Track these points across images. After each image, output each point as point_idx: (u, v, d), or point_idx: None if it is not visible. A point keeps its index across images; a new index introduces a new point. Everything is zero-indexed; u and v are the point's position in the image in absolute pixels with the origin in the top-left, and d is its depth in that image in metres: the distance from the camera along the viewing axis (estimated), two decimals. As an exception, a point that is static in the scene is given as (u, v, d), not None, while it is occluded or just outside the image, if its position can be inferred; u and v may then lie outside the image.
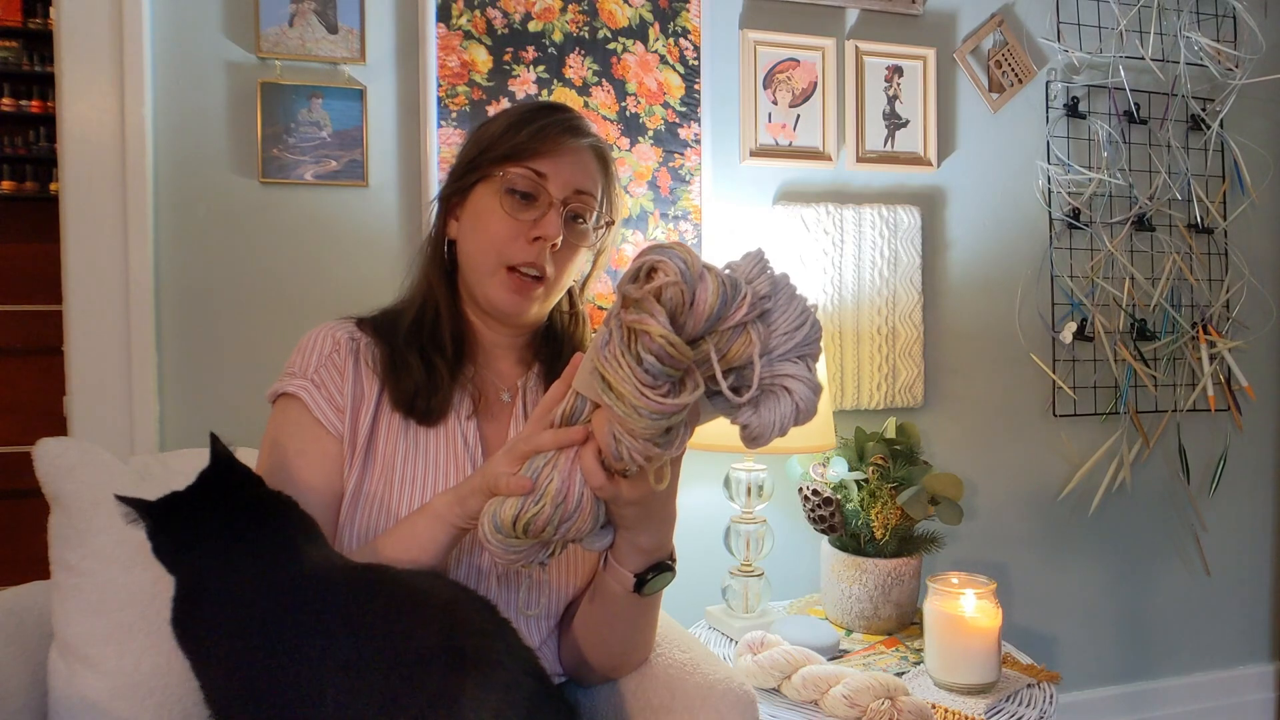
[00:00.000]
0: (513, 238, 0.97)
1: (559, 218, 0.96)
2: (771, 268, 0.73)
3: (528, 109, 1.01)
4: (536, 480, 0.74)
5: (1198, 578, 2.16)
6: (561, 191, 0.98)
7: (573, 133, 0.99)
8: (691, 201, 1.71)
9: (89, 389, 1.43)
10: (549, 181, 0.97)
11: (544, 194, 0.97)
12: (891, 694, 1.23)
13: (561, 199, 0.97)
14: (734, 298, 0.68)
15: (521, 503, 0.74)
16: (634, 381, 0.66)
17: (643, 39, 1.68)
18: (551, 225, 0.96)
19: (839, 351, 1.81)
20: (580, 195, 0.99)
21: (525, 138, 0.97)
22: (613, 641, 0.97)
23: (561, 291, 1.04)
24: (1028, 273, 1.98)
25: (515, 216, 0.97)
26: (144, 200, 1.43)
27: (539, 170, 0.97)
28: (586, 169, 1.00)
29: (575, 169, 0.98)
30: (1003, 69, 1.93)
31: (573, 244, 1.00)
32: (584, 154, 1.00)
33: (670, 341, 0.64)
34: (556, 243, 0.96)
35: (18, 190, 3.73)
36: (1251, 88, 2.11)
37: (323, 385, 0.96)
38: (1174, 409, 2.09)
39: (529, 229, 0.96)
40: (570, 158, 0.98)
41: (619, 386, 0.66)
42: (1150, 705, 2.12)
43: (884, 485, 1.55)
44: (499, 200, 0.97)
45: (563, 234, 0.97)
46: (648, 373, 0.66)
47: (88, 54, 1.42)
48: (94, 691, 0.96)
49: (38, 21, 3.73)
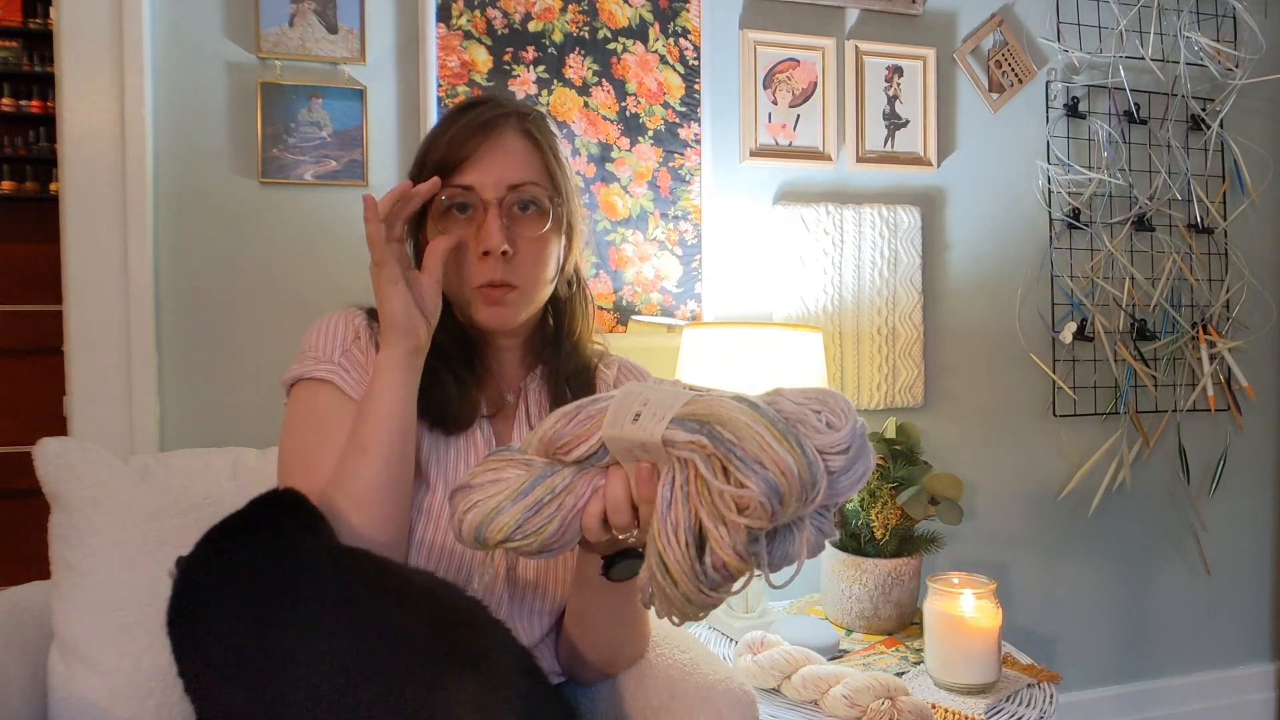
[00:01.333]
0: (469, 260, 0.95)
1: (498, 221, 0.93)
2: (864, 446, 0.65)
3: (443, 120, 0.98)
4: (538, 513, 0.72)
5: (1198, 577, 2.16)
6: (494, 192, 0.94)
7: (486, 129, 0.95)
8: (691, 201, 1.71)
9: (89, 389, 1.43)
10: (478, 189, 0.94)
11: (478, 201, 0.94)
12: (891, 694, 1.23)
13: (496, 200, 0.94)
14: (811, 494, 0.62)
15: (514, 529, 0.72)
16: (692, 578, 0.63)
17: (643, 39, 1.68)
18: (491, 235, 0.92)
19: (839, 351, 1.81)
20: (517, 189, 0.95)
21: (442, 153, 0.95)
22: (598, 632, 0.96)
23: (544, 285, 1.00)
24: (1028, 273, 1.98)
25: (460, 234, 0.94)
26: (144, 200, 1.43)
27: (463, 184, 0.94)
28: (513, 158, 0.95)
29: (499, 165, 0.94)
30: (1003, 69, 1.93)
31: (530, 240, 0.96)
32: (506, 143, 0.96)
33: (740, 563, 0.61)
34: (506, 250, 0.93)
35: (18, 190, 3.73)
36: (1251, 88, 2.11)
37: (351, 369, 0.95)
38: (1174, 409, 2.09)
39: (475, 242, 0.94)
40: (492, 155, 0.94)
41: (674, 571, 0.63)
42: (1150, 705, 2.12)
43: (884, 485, 1.55)
44: (443, 227, 0.95)
45: (515, 232, 0.95)
46: (706, 576, 0.63)
47: (88, 54, 1.42)
48: (94, 692, 0.96)
49: (38, 21, 3.73)
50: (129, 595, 1.00)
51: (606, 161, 1.66)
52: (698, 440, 0.63)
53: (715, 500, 0.61)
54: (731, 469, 0.61)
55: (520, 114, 0.98)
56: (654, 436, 0.65)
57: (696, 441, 0.63)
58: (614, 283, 1.68)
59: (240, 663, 0.68)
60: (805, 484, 0.61)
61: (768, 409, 0.64)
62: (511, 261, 0.95)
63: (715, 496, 0.61)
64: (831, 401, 0.67)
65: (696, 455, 0.63)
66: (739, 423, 0.62)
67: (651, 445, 0.66)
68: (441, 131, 0.97)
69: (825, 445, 0.64)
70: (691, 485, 0.63)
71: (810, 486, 0.61)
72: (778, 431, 0.62)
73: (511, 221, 0.95)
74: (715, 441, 0.62)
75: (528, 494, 0.73)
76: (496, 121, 0.95)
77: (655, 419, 0.66)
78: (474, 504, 0.74)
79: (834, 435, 0.64)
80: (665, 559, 0.64)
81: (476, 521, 0.74)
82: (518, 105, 1.00)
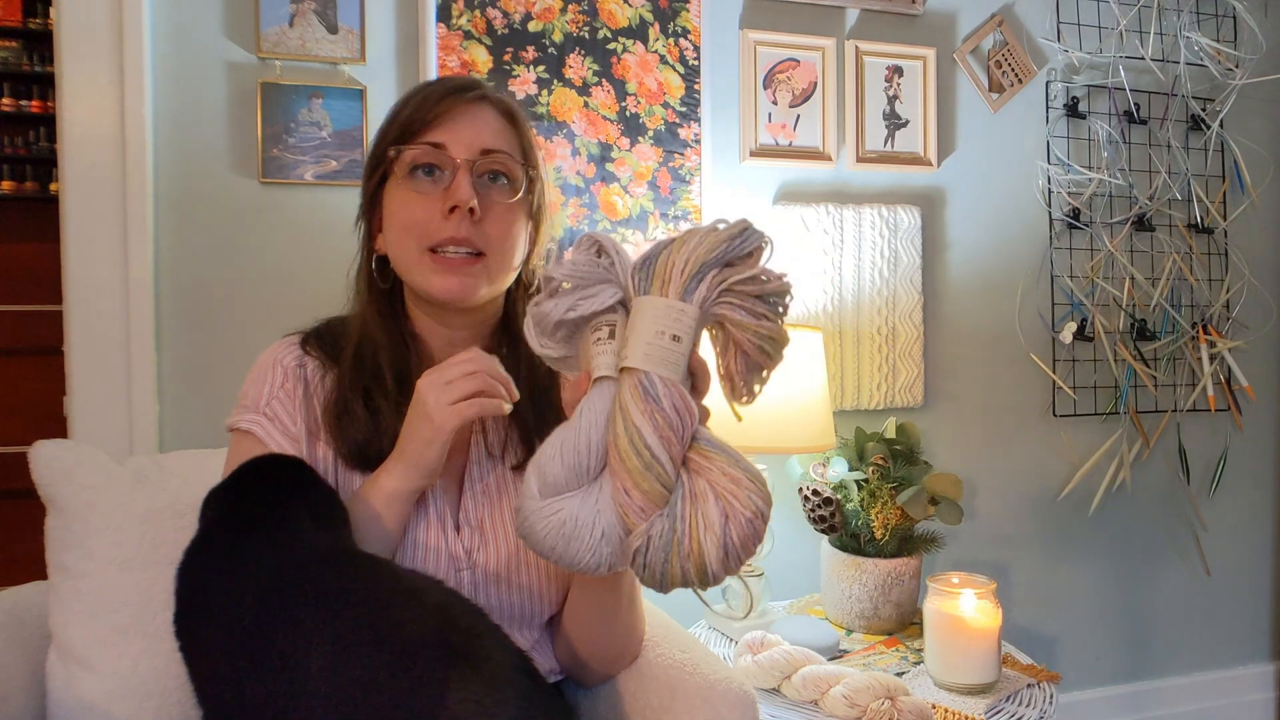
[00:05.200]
0: (428, 218, 0.89)
1: (468, 180, 0.88)
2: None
3: (412, 90, 0.94)
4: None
5: (1198, 577, 2.16)
6: (466, 153, 0.89)
7: (461, 91, 0.91)
8: (691, 201, 1.71)
9: (89, 389, 1.43)
10: (449, 148, 0.89)
11: (448, 161, 0.89)
12: (891, 694, 1.23)
13: (468, 160, 0.89)
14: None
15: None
16: (779, 321, 0.76)
17: (643, 39, 1.68)
18: (462, 189, 0.87)
19: (839, 351, 1.81)
20: (490, 154, 0.90)
21: (411, 112, 0.90)
22: (591, 628, 0.96)
23: (510, 265, 0.94)
24: (1028, 273, 1.98)
25: (425, 194, 0.89)
26: (144, 200, 1.43)
27: (434, 141, 0.89)
28: (488, 125, 0.91)
29: (475, 127, 0.90)
30: (1003, 69, 1.93)
31: (501, 205, 0.91)
32: (482, 111, 0.92)
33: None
34: (474, 207, 0.88)
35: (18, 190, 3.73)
36: (1251, 88, 2.11)
37: (275, 418, 0.92)
38: (1174, 409, 2.09)
39: (441, 203, 0.88)
40: (467, 118, 0.90)
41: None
42: (1150, 705, 2.12)
43: (884, 485, 1.55)
44: (405, 187, 0.90)
45: (485, 198, 0.90)
46: (784, 309, 0.77)
47: (88, 54, 1.42)
48: (92, 693, 0.96)
49: (38, 21, 3.73)
50: (125, 597, 0.99)
51: (606, 161, 1.66)
52: (709, 287, 0.75)
53: (753, 280, 0.74)
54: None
55: (494, 93, 0.96)
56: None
57: (709, 286, 0.75)
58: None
59: (252, 662, 0.69)
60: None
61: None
62: (479, 225, 0.89)
63: (750, 280, 0.74)
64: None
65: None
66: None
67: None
68: (414, 93, 0.92)
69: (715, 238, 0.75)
70: (737, 296, 0.75)
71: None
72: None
73: (482, 185, 0.91)
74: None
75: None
76: (471, 90, 0.92)
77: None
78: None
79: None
80: (770, 333, 0.75)
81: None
82: (489, 87, 0.98)
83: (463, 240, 0.88)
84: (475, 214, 0.88)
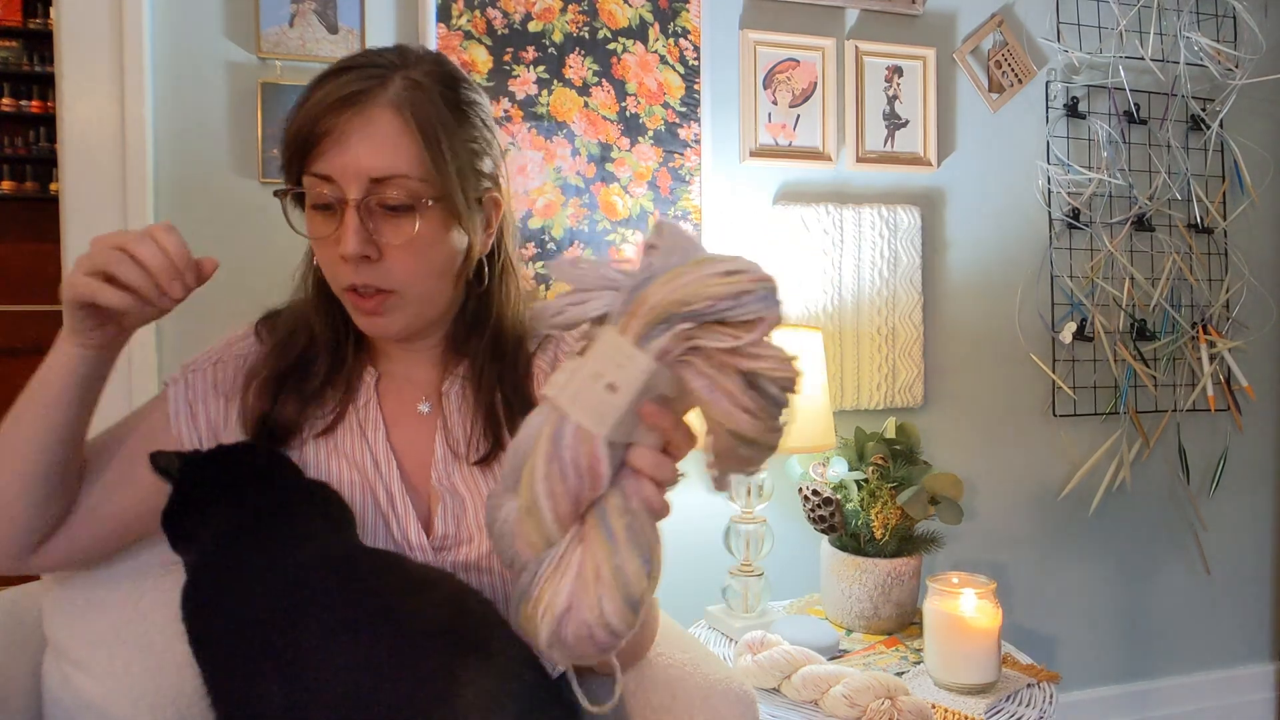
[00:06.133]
0: (330, 260, 0.82)
1: (355, 224, 0.79)
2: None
3: (310, 85, 0.82)
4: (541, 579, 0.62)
5: (1198, 577, 2.16)
6: (355, 186, 0.79)
7: (350, 102, 0.79)
8: (691, 201, 1.71)
9: (89, 389, 1.43)
10: (336, 179, 0.79)
11: (336, 201, 0.80)
12: (891, 694, 1.23)
13: (356, 199, 0.79)
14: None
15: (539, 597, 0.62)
16: (766, 418, 0.59)
17: (643, 39, 1.68)
18: (347, 241, 0.79)
19: (839, 351, 1.81)
20: (379, 184, 0.79)
21: (299, 126, 0.80)
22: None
23: (437, 285, 0.86)
24: (1028, 273, 1.98)
25: (324, 237, 0.82)
26: (144, 200, 1.43)
27: (321, 173, 0.80)
28: (380, 143, 0.79)
29: (365, 147, 0.79)
30: (1003, 69, 1.93)
31: (403, 239, 0.81)
32: (374, 122, 0.79)
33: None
34: (368, 254, 0.80)
35: (18, 190, 3.74)
36: (1251, 88, 2.11)
37: (193, 385, 0.92)
38: (1174, 409, 2.09)
39: (338, 245, 0.80)
40: (354, 138, 0.79)
41: (749, 430, 0.58)
42: (1150, 705, 2.12)
43: (884, 485, 1.55)
44: (310, 218, 0.84)
45: (383, 233, 0.80)
46: (775, 404, 0.59)
47: (88, 54, 1.42)
48: (88, 694, 0.96)
49: (38, 21, 3.74)
50: (118, 600, 0.99)
51: (606, 161, 1.66)
52: (673, 340, 0.59)
53: (734, 351, 0.58)
54: (719, 329, 0.58)
55: (404, 75, 0.82)
56: (639, 372, 0.59)
57: (674, 339, 0.59)
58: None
59: (268, 659, 0.70)
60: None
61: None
62: (380, 265, 0.81)
63: (729, 351, 0.58)
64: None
65: (687, 347, 0.59)
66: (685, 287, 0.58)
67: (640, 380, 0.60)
68: (304, 100, 0.81)
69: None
70: (709, 363, 0.59)
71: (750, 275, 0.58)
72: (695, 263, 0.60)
73: (377, 222, 0.81)
74: (689, 320, 0.59)
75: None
76: (364, 95, 0.79)
77: (626, 366, 0.60)
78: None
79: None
80: (738, 428, 0.58)
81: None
82: (404, 60, 0.83)
83: (365, 289, 0.82)
84: (373, 258, 0.81)
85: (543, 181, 1.63)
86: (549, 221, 1.63)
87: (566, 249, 1.64)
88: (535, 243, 1.63)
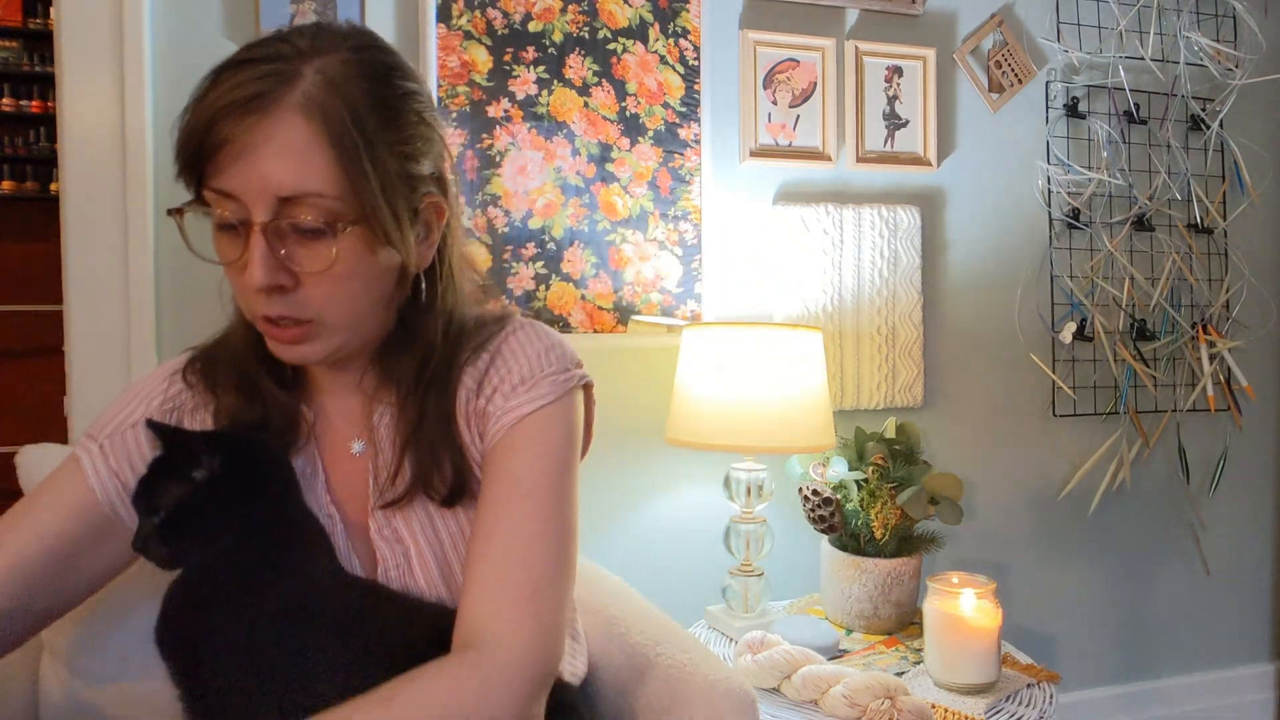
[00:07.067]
0: (240, 288, 0.73)
1: (263, 251, 0.68)
2: None
3: (207, 79, 0.69)
4: None
5: (1198, 577, 2.16)
6: (260, 209, 0.67)
7: (246, 108, 0.66)
8: (691, 201, 1.71)
9: (89, 389, 1.43)
10: (240, 197, 0.68)
11: (240, 221, 0.69)
12: (891, 694, 1.23)
13: (263, 222, 0.68)
14: None
15: None
16: None
17: (643, 39, 1.68)
18: (254, 272, 0.68)
19: (839, 352, 1.81)
20: (289, 203, 0.68)
21: (192, 138, 0.68)
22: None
23: (363, 310, 0.75)
24: (1027, 273, 1.98)
25: (231, 262, 0.72)
26: (144, 200, 1.43)
27: (221, 189, 0.68)
28: (287, 154, 0.67)
29: (268, 166, 0.67)
30: (1002, 69, 1.93)
31: (319, 265, 0.70)
32: (277, 132, 0.66)
33: None
34: (281, 284, 0.69)
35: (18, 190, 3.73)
36: (1251, 88, 2.11)
37: (110, 454, 0.81)
38: (1174, 409, 2.09)
39: (245, 273, 0.70)
40: (257, 151, 0.66)
41: None
42: (1150, 705, 2.12)
43: (884, 485, 1.55)
44: (215, 238, 0.73)
45: (296, 258, 0.69)
46: None
47: (88, 54, 1.42)
48: (85, 696, 0.96)
49: (38, 21, 3.73)
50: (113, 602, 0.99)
51: (606, 161, 1.66)
52: None
53: None
54: None
55: (318, 68, 0.68)
56: None
57: None
58: (614, 283, 1.68)
59: (264, 684, 0.71)
60: None
61: None
62: (296, 294, 0.71)
63: None
64: None
65: None
66: None
67: None
68: (198, 98, 0.69)
69: None
70: None
71: None
72: None
73: (289, 247, 0.70)
74: None
75: None
76: (266, 98, 0.66)
77: None
78: None
79: None
80: None
81: None
82: (318, 45, 0.70)
83: (280, 319, 0.72)
84: (287, 287, 0.70)
85: (543, 181, 1.63)
86: (549, 221, 1.63)
87: (566, 249, 1.64)
88: (535, 243, 1.63)
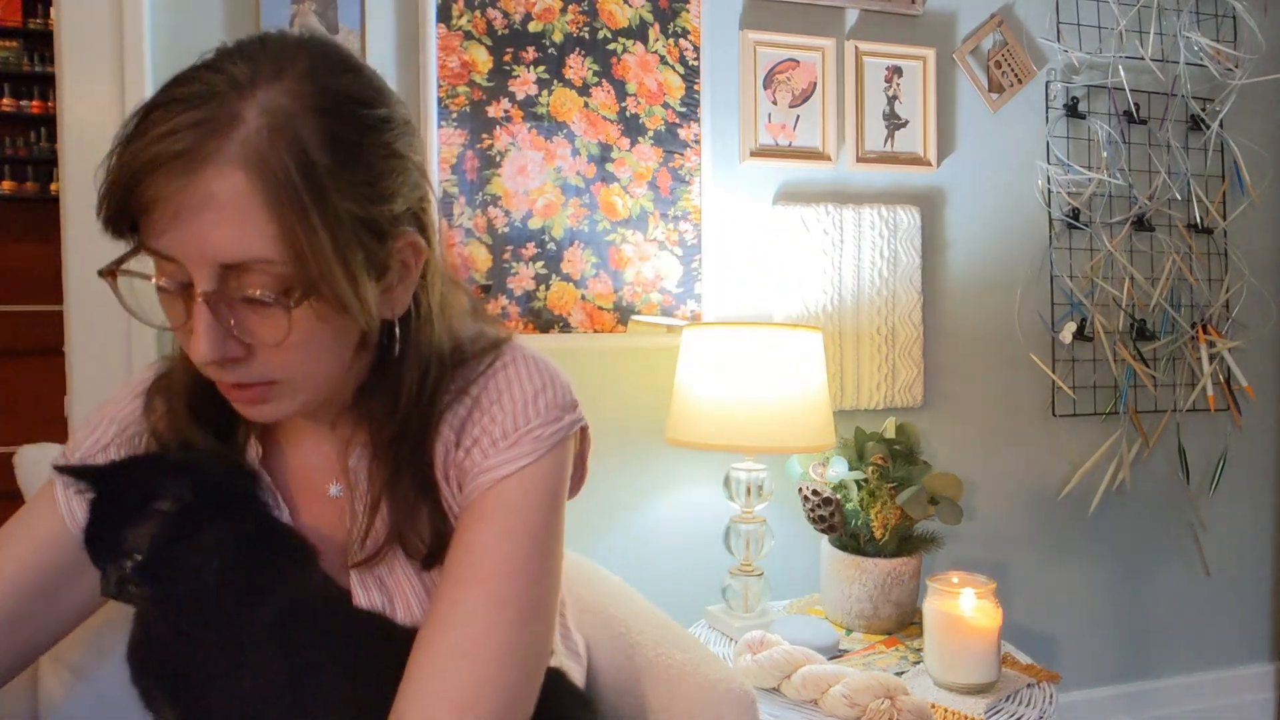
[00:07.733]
0: (191, 352, 0.64)
1: (207, 325, 0.61)
2: None
3: (128, 122, 0.61)
4: None
5: (1198, 578, 2.16)
6: (203, 277, 0.60)
7: (177, 168, 0.57)
8: (691, 202, 1.71)
9: (89, 389, 1.43)
10: (180, 260, 0.60)
11: (187, 282, 0.61)
12: (891, 693, 1.23)
13: (206, 291, 0.60)
14: None
15: None
16: None
17: (643, 39, 1.68)
18: (199, 346, 0.61)
19: (839, 352, 1.81)
20: (234, 270, 0.60)
21: (119, 192, 0.61)
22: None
23: (325, 372, 0.68)
24: (1027, 273, 1.98)
25: (178, 327, 0.65)
26: (144, 200, 1.43)
27: (159, 250, 0.60)
28: (223, 219, 0.58)
29: (206, 229, 0.58)
30: (1002, 69, 1.93)
31: (274, 336, 0.62)
32: (214, 193, 0.58)
33: None
34: (235, 355, 0.63)
35: (18, 190, 3.73)
36: (1251, 88, 2.11)
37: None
38: (1174, 409, 2.09)
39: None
40: (197, 214, 0.58)
41: None
42: (1150, 705, 2.12)
43: (884, 485, 1.55)
44: (160, 298, 0.66)
45: (246, 325, 0.62)
46: None
47: (88, 54, 1.42)
48: (83, 696, 0.96)
49: (38, 21, 3.73)
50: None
51: (606, 162, 1.66)
52: None
53: None
54: None
55: (261, 106, 0.58)
56: None
57: None
58: (614, 283, 1.68)
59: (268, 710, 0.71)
60: None
61: None
62: (252, 362, 0.64)
63: None
64: None
65: None
66: None
67: None
68: (123, 142, 0.60)
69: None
70: None
71: None
72: None
73: (239, 315, 0.62)
74: None
75: None
76: (198, 154, 0.57)
77: None
78: None
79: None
80: None
81: None
82: (258, 73, 0.60)
83: (236, 386, 0.66)
84: (241, 358, 0.63)
85: (543, 181, 1.63)
86: (549, 221, 1.63)
87: (566, 249, 1.65)
88: (535, 243, 1.63)
